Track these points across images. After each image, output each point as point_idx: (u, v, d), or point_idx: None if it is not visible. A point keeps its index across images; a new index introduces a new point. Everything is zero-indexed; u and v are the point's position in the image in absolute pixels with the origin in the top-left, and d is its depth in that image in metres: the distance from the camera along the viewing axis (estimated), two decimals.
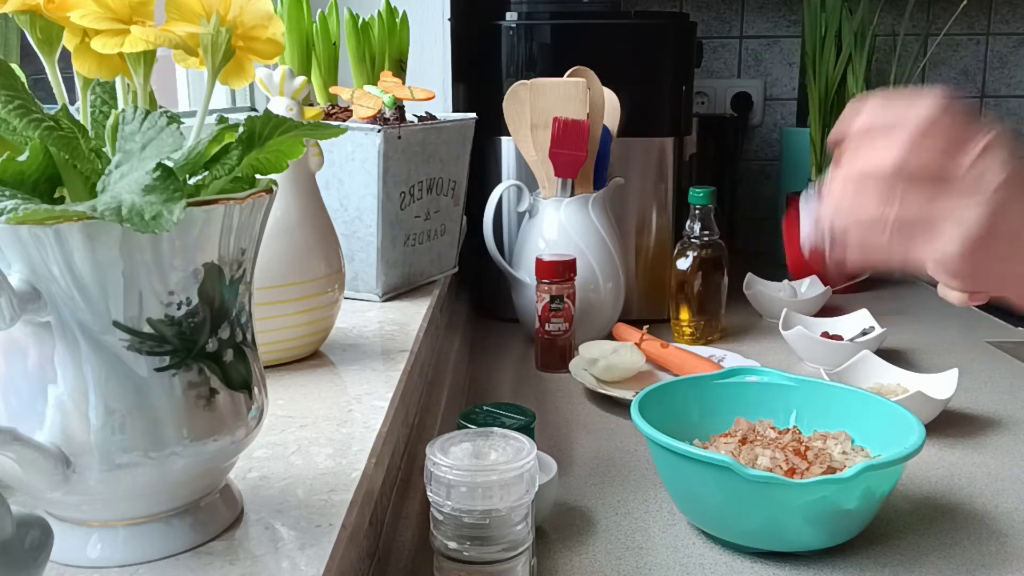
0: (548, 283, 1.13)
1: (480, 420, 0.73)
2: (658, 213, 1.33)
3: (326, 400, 0.67)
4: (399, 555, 0.71)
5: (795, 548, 0.72)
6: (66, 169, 0.42)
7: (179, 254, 0.41)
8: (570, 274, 1.13)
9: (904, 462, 0.70)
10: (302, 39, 0.95)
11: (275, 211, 0.73)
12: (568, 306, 1.13)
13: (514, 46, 1.30)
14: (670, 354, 1.13)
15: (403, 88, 0.95)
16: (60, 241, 0.38)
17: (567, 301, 1.13)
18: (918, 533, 0.76)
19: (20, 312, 0.39)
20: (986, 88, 1.85)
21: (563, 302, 1.12)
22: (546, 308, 1.13)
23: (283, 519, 0.49)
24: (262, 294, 0.72)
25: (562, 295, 1.12)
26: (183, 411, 0.43)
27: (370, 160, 0.90)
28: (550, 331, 1.14)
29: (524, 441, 0.51)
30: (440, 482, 0.49)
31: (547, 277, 1.13)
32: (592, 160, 1.22)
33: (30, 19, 0.43)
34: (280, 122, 0.44)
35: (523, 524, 0.50)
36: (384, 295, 0.95)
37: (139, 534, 0.45)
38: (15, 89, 0.41)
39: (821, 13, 1.53)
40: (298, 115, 0.78)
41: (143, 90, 0.44)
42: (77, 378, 0.41)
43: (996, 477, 0.87)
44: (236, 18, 0.43)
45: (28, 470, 0.40)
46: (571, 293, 1.13)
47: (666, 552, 0.73)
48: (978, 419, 1.01)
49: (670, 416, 0.79)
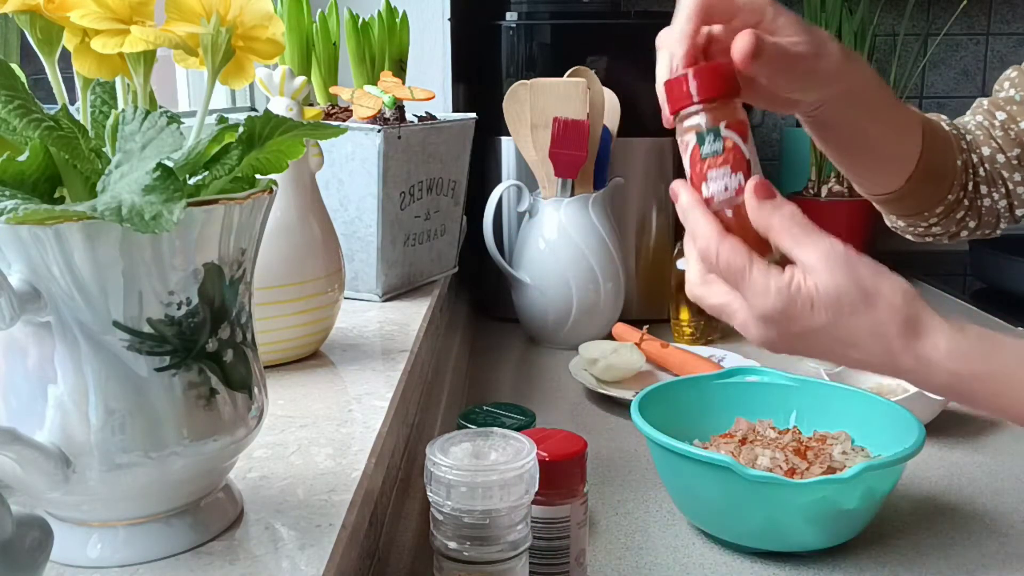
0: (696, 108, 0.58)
1: (480, 420, 0.73)
2: (658, 213, 1.33)
3: (326, 400, 0.67)
4: (399, 555, 0.71)
5: (795, 548, 0.72)
6: (66, 169, 0.42)
7: (179, 254, 0.41)
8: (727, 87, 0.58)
9: (904, 462, 0.70)
10: (302, 39, 0.95)
11: (275, 211, 0.73)
12: (734, 144, 0.58)
13: (514, 46, 1.30)
14: (670, 354, 1.13)
15: (403, 88, 0.95)
16: (60, 241, 0.38)
17: (730, 134, 0.58)
18: (918, 533, 0.76)
19: (20, 312, 0.39)
20: (986, 88, 1.85)
21: (720, 137, 0.58)
22: (695, 155, 0.59)
23: (283, 519, 0.49)
24: (262, 294, 0.72)
25: (718, 126, 0.58)
26: (183, 411, 0.43)
27: (370, 160, 0.90)
28: (714, 197, 0.58)
29: (524, 441, 0.51)
30: (440, 482, 0.49)
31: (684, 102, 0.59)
32: (592, 160, 1.22)
33: (30, 19, 0.43)
34: (280, 122, 0.44)
35: (523, 524, 0.50)
36: (384, 295, 0.95)
37: (139, 534, 0.45)
38: (15, 89, 0.41)
39: (821, 13, 1.53)
40: (298, 115, 0.78)
41: (143, 90, 0.44)
42: (77, 378, 0.41)
43: (996, 477, 0.87)
44: (236, 18, 0.43)
45: (28, 470, 0.40)
46: (738, 121, 0.58)
47: (666, 552, 0.73)
48: (978, 419, 1.01)
49: (670, 416, 0.78)
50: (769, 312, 0.54)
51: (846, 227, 1.53)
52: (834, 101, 0.64)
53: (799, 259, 0.54)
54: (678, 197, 0.58)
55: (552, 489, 0.56)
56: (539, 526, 0.57)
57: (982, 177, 0.80)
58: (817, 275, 0.53)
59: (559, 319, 1.22)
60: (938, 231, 0.83)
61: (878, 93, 0.67)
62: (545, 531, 0.58)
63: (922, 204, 0.79)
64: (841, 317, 0.53)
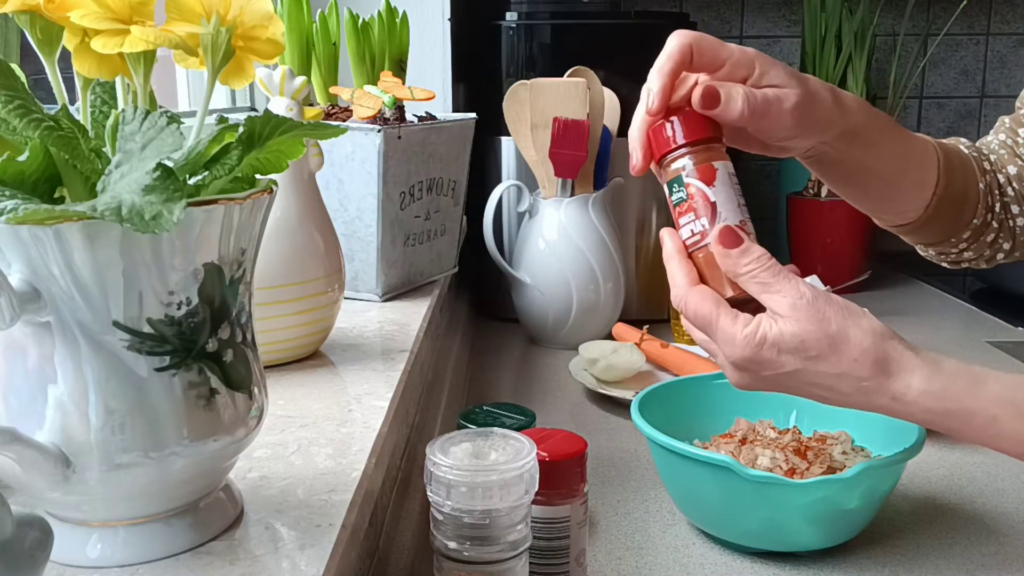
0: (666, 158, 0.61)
1: (480, 420, 0.73)
2: (658, 213, 1.33)
3: (326, 400, 0.67)
4: (399, 555, 0.71)
5: (795, 548, 0.72)
6: (66, 169, 0.42)
7: (179, 254, 0.41)
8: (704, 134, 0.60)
9: (904, 462, 0.70)
10: (302, 39, 0.95)
11: (275, 211, 0.73)
12: (698, 190, 0.59)
13: (514, 46, 1.30)
14: (670, 354, 1.13)
15: (403, 88, 0.95)
16: (60, 241, 0.38)
17: (692, 180, 0.59)
18: (918, 533, 0.76)
19: (20, 312, 0.39)
20: (986, 88, 1.85)
21: (682, 185, 0.60)
22: (670, 202, 0.61)
23: (283, 519, 0.49)
24: (262, 294, 0.72)
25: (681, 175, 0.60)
26: (183, 411, 0.43)
27: (370, 160, 0.90)
28: (686, 241, 0.61)
29: (524, 441, 0.51)
30: (440, 482, 0.49)
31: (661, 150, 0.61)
32: (592, 160, 1.22)
33: (30, 19, 0.43)
34: (280, 122, 0.44)
35: (523, 524, 0.50)
36: (384, 295, 0.95)
37: (139, 534, 0.45)
38: (15, 89, 0.41)
39: (821, 13, 1.53)
40: (298, 115, 0.78)
41: (143, 90, 0.44)
42: (77, 378, 0.41)
43: (996, 477, 0.87)
44: (236, 18, 0.43)
45: (28, 470, 0.40)
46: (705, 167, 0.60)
47: (666, 552, 0.73)
48: None
49: (670, 416, 0.78)
50: (738, 359, 0.56)
51: (846, 227, 1.53)
52: (831, 142, 0.64)
53: (768, 305, 0.56)
54: (663, 243, 0.61)
55: (552, 489, 0.57)
56: (539, 526, 0.57)
57: (1011, 197, 0.77)
58: (783, 322, 0.55)
59: (559, 319, 1.22)
60: (970, 256, 0.80)
61: (879, 130, 0.67)
62: (545, 531, 0.58)
63: (946, 231, 0.77)
64: (808, 363, 0.55)
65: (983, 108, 1.86)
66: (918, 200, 0.73)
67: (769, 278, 0.56)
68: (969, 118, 1.87)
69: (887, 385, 0.55)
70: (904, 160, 0.71)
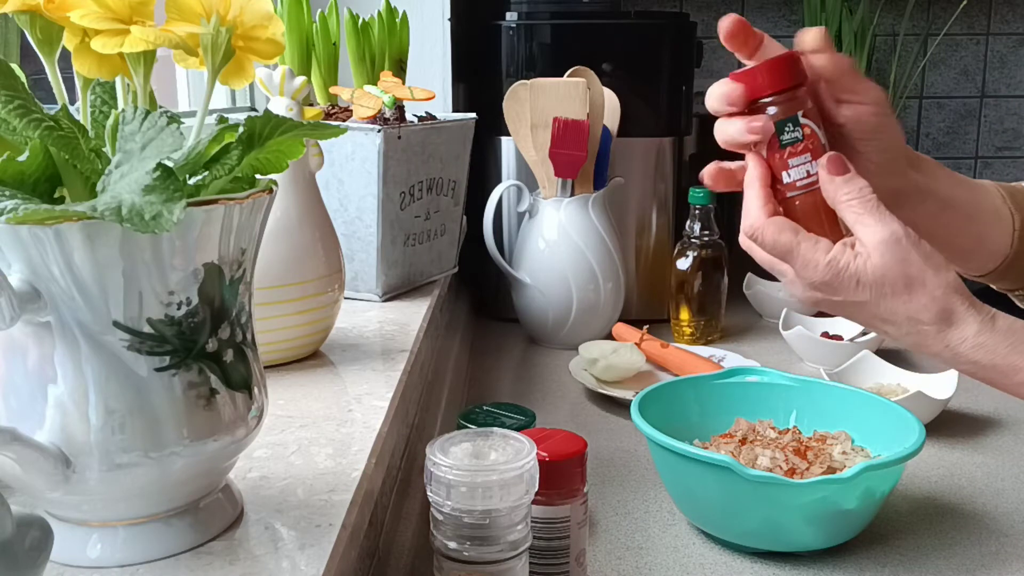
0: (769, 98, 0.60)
1: (480, 420, 0.73)
2: (658, 213, 1.33)
3: (326, 400, 0.67)
4: (399, 555, 0.71)
5: (795, 548, 0.72)
6: (66, 169, 0.42)
7: (179, 254, 0.41)
8: (796, 80, 0.60)
9: (904, 462, 0.70)
10: (302, 39, 0.95)
11: (275, 211, 0.73)
12: (812, 131, 0.60)
13: (514, 46, 1.30)
14: (670, 354, 1.13)
15: (403, 88, 0.95)
16: (60, 241, 0.38)
17: (807, 121, 0.60)
18: (918, 533, 0.76)
19: (20, 312, 0.39)
20: (986, 88, 1.85)
21: (798, 125, 0.60)
22: (774, 145, 0.60)
23: (283, 519, 0.49)
24: (262, 294, 0.72)
25: (796, 114, 0.60)
26: (183, 411, 0.43)
27: (370, 160, 0.90)
28: (796, 182, 0.60)
29: (524, 441, 0.51)
30: (440, 482, 0.49)
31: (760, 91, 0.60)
32: (592, 160, 1.22)
33: (30, 19, 0.43)
34: (280, 122, 0.44)
35: (523, 524, 0.50)
36: (384, 295, 0.95)
37: (139, 534, 0.45)
38: (15, 89, 0.41)
39: (821, 13, 1.53)
40: (298, 115, 0.78)
41: (143, 90, 0.44)
42: (77, 378, 0.41)
43: (996, 477, 0.87)
44: (236, 18, 0.43)
45: (28, 470, 0.40)
46: (812, 109, 0.61)
47: (666, 552, 0.73)
48: (978, 419, 1.01)
49: (670, 416, 0.79)
50: (817, 282, 0.58)
51: None
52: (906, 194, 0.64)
53: (857, 236, 0.58)
54: (747, 167, 0.61)
55: (552, 489, 0.57)
56: (539, 526, 0.57)
57: None
58: (868, 255, 0.57)
59: (559, 319, 1.22)
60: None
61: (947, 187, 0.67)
62: (545, 531, 0.58)
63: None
64: (883, 298, 0.57)
65: (983, 108, 1.86)
66: (993, 253, 0.70)
67: (865, 209, 0.57)
68: (969, 118, 1.87)
69: (945, 334, 0.57)
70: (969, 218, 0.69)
